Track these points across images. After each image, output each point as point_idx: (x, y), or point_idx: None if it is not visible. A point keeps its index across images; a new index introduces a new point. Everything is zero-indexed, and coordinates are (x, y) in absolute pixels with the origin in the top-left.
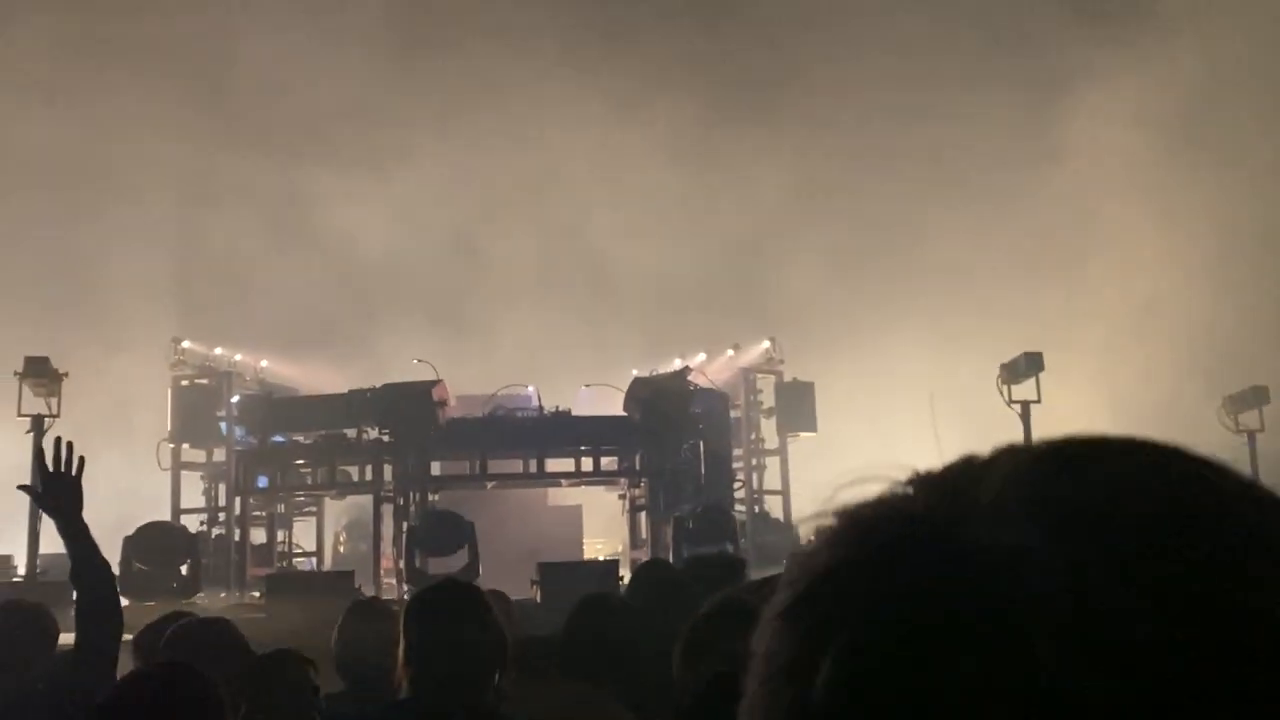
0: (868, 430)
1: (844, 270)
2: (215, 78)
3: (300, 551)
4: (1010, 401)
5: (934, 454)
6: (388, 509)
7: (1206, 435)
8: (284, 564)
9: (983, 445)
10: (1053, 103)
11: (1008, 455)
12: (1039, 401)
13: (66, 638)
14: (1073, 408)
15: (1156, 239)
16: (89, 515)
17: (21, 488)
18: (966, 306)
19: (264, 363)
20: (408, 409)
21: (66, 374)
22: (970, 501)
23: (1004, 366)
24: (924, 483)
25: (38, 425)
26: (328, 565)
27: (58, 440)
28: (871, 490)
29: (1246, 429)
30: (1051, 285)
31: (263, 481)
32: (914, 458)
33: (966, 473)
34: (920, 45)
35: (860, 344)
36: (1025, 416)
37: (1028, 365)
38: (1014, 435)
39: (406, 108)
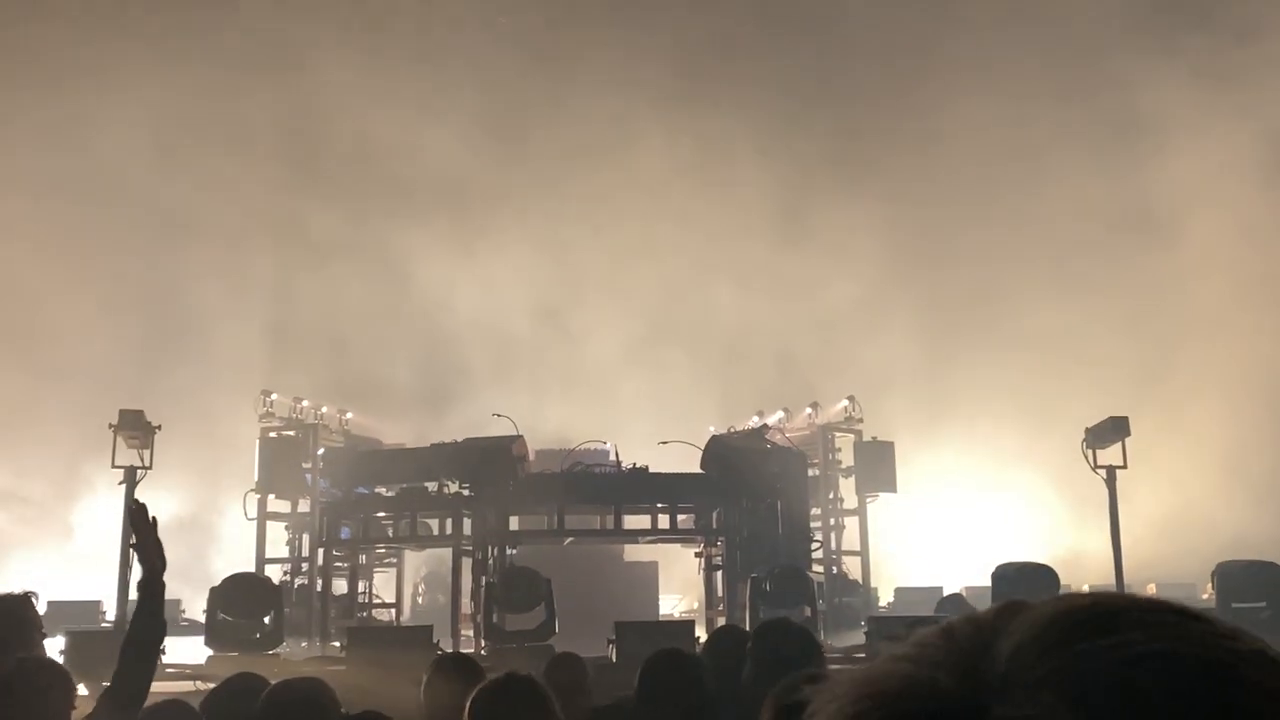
0: (948, 493)
1: (928, 334)
2: (314, 144)
3: (380, 602)
4: (1095, 467)
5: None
6: (466, 562)
7: None
8: (364, 614)
9: (1070, 510)
10: (1138, 164)
11: (1020, 620)
12: (1125, 467)
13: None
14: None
15: (1248, 307)
16: (175, 564)
17: (132, 546)
18: (1054, 371)
19: (349, 415)
20: (488, 463)
21: (159, 427)
22: (987, 674)
23: (1089, 430)
24: (944, 651)
25: (130, 477)
26: (406, 616)
27: (132, 509)
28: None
29: None
30: (1142, 348)
31: (345, 533)
32: (992, 523)
33: (980, 639)
34: (1008, 114)
35: (943, 408)
36: (1111, 481)
37: (1114, 430)
38: (1100, 499)
39: (498, 178)
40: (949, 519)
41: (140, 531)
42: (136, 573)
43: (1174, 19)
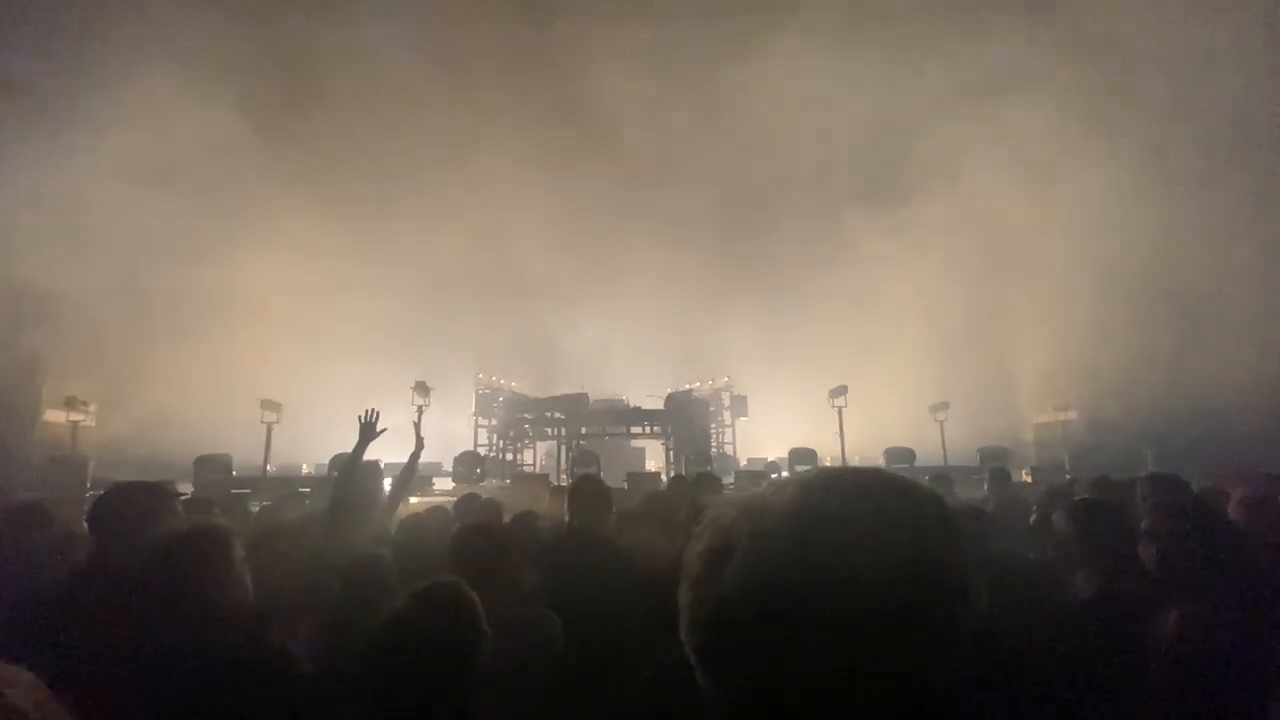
0: (773, 419)
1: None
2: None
3: (526, 463)
4: (834, 407)
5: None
6: (564, 449)
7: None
8: (518, 468)
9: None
10: None
11: (845, 480)
12: (846, 406)
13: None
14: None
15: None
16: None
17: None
18: (814, 355)
19: (512, 383)
20: (571, 404)
21: (432, 388)
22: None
23: (830, 391)
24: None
25: (420, 411)
26: (537, 469)
27: (415, 422)
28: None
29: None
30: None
31: (511, 433)
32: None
33: (810, 486)
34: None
35: (767, 369)
36: (840, 413)
37: (840, 390)
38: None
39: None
40: (771, 428)
41: (418, 429)
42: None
43: None
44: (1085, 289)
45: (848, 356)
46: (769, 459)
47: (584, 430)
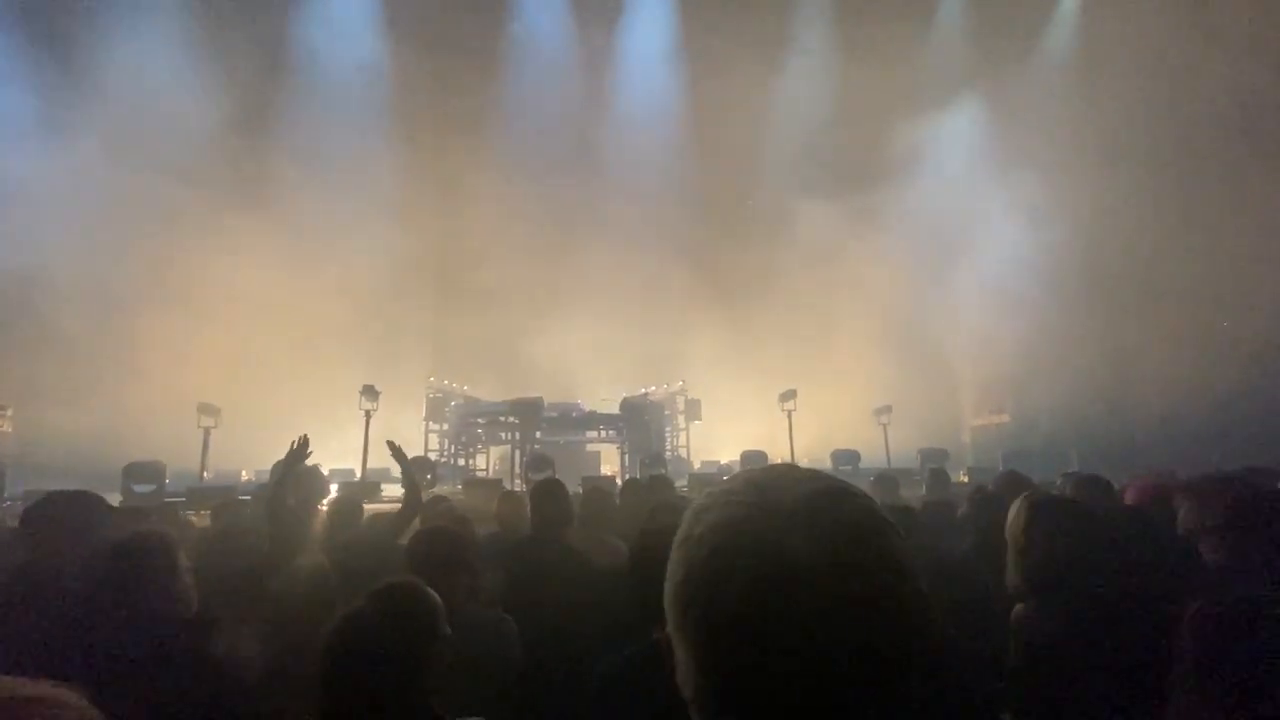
0: (726, 422)
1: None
2: None
3: (478, 468)
4: (783, 410)
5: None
6: (518, 453)
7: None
8: (471, 473)
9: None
10: None
11: (789, 477)
12: (795, 410)
13: None
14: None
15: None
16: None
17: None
18: (765, 359)
19: (465, 387)
20: (526, 408)
21: (380, 391)
22: (776, 508)
23: (780, 395)
24: (751, 486)
25: (368, 417)
26: (489, 474)
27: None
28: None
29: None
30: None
31: (463, 439)
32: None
33: (777, 486)
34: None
35: (721, 375)
36: (789, 416)
37: (789, 394)
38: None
39: None
40: (724, 431)
41: (396, 452)
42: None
43: None
44: (1022, 296)
45: (797, 361)
46: (721, 461)
47: (538, 435)
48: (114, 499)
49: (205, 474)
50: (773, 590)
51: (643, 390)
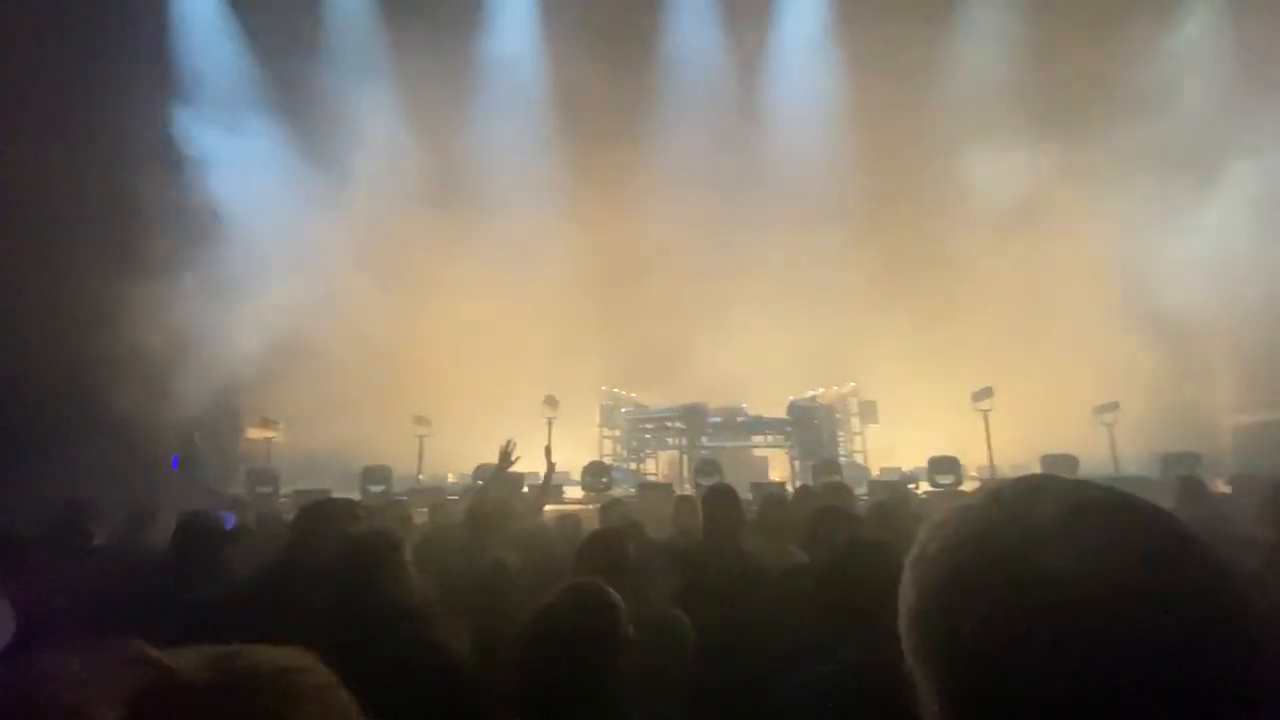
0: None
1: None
2: None
3: (650, 473)
4: (979, 411)
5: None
6: (685, 458)
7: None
8: (644, 477)
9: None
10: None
11: (1051, 489)
12: (991, 410)
13: None
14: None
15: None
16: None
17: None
18: (952, 355)
19: (633, 394)
20: (692, 414)
21: (559, 401)
22: (1025, 523)
23: (974, 393)
24: (991, 499)
25: (549, 424)
26: (659, 478)
27: (509, 442)
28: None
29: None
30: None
31: (634, 443)
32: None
33: (1027, 498)
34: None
35: (901, 374)
36: (985, 417)
37: (985, 392)
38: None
39: None
40: (904, 435)
41: (548, 454)
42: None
43: None
44: None
45: (993, 353)
46: (904, 469)
47: (704, 440)
48: (354, 497)
49: (420, 476)
50: (1030, 617)
51: (810, 392)
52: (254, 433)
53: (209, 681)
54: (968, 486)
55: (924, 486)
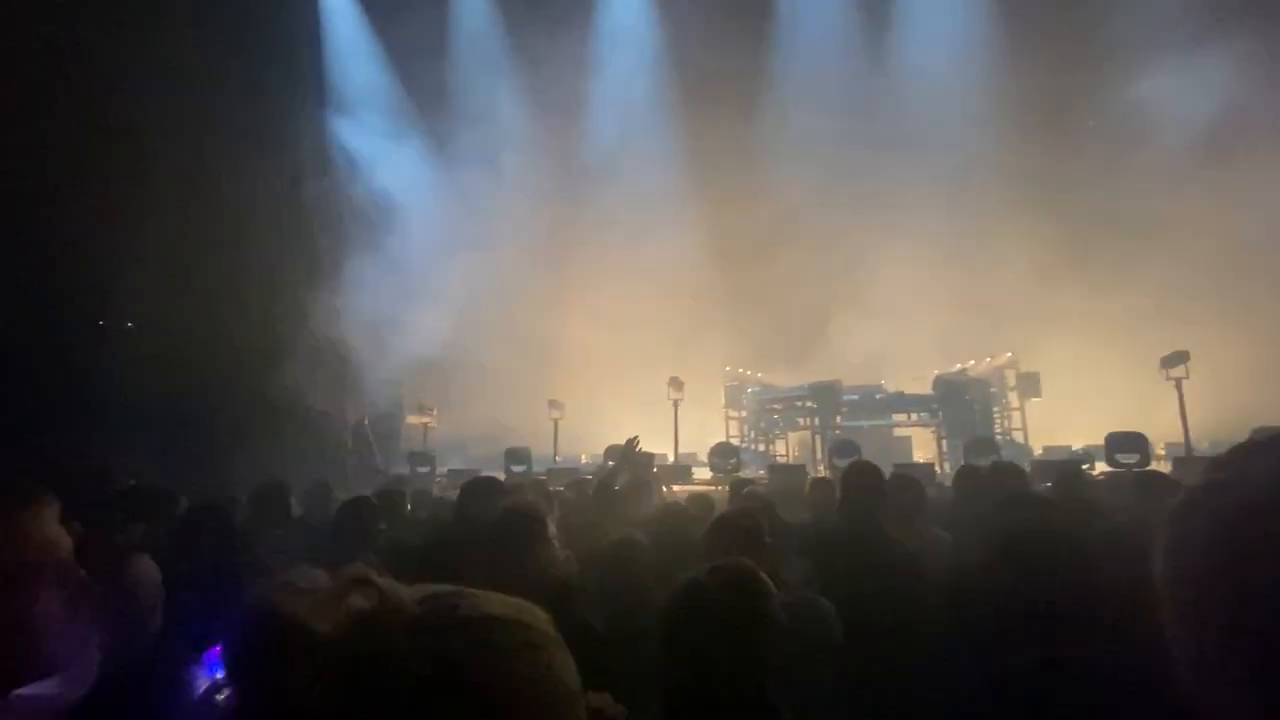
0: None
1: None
2: None
3: (779, 455)
4: (1168, 378)
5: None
6: (818, 438)
7: None
8: (773, 459)
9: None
10: None
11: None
12: (1186, 378)
13: None
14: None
15: None
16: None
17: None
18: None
19: (760, 374)
20: (825, 392)
21: (684, 382)
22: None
23: (1163, 358)
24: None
25: (676, 405)
26: (790, 459)
27: (634, 438)
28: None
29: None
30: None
31: (762, 425)
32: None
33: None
34: None
35: (1064, 338)
36: (1179, 387)
37: (1178, 357)
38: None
39: None
40: (1073, 409)
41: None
42: None
43: None
44: None
45: (1184, 313)
46: (1074, 447)
47: (838, 419)
48: (499, 476)
49: (557, 457)
50: None
51: (959, 366)
52: (412, 419)
53: (420, 616)
54: (1158, 467)
55: (1100, 467)
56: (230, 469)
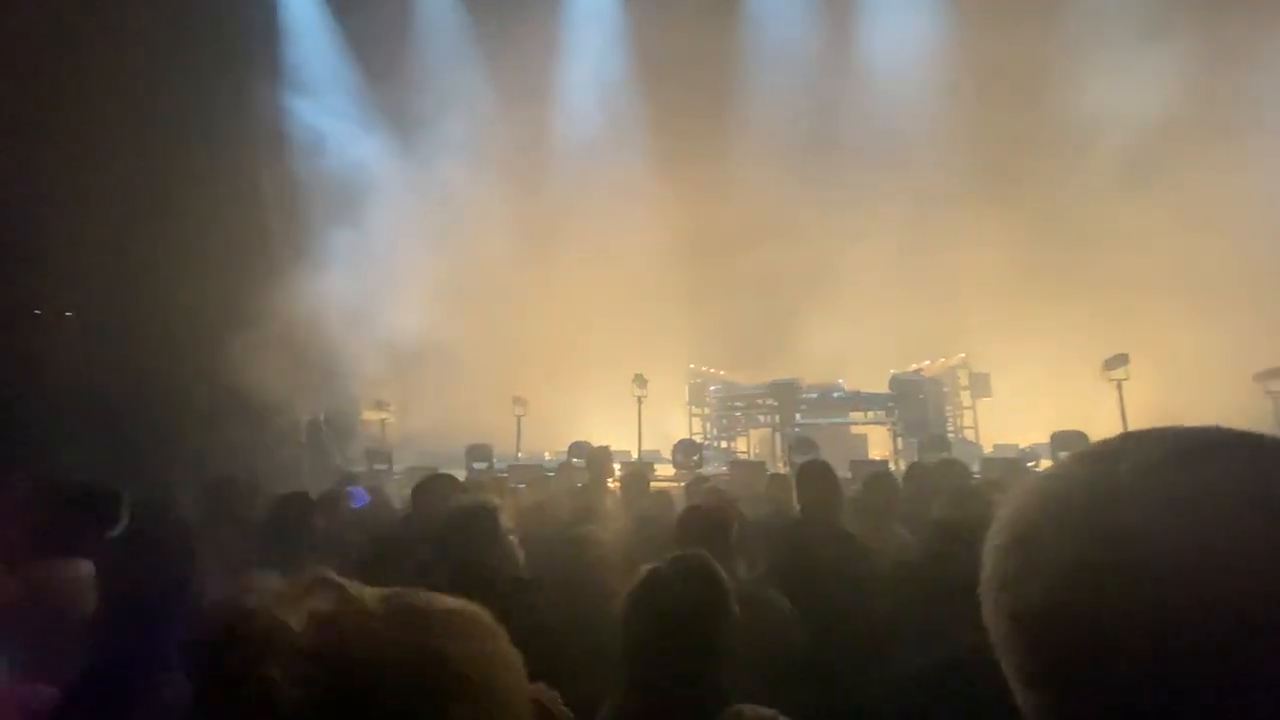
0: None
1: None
2: None
3: (741, 452)
4: (1109, 380)
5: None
6: (778, 436)
7: None
8: (733, 455)
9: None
10: None
11: (1134, 443)
12: (1127, 379)
13: None
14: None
15: None
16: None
17: None
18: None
19: (722, 371)
20: (784, 389)
21: (648, 380)
22: (1114, 479)
23: (1105, 361)
24: (1076, 457)
25: (639, 402)
26: (750, 456)
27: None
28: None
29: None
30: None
31: (723, 422)
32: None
33: (1110, 454)
34: None
35: (1014, 344)
36: (1119, 388)
37: (1118, 360)
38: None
39: None
40: (1021, 408)
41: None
42: None
43: None
44: None
45: (1124, 318)
46: (1020, 445)
47: (798, 417)
48: (459, 474)
49: (519, 454)
50: (1099, 578)
51: (914, 366)
52: (369, 414)
53: (385, 612)
54: None
55: (1045, 464)
56: (176, 466)
